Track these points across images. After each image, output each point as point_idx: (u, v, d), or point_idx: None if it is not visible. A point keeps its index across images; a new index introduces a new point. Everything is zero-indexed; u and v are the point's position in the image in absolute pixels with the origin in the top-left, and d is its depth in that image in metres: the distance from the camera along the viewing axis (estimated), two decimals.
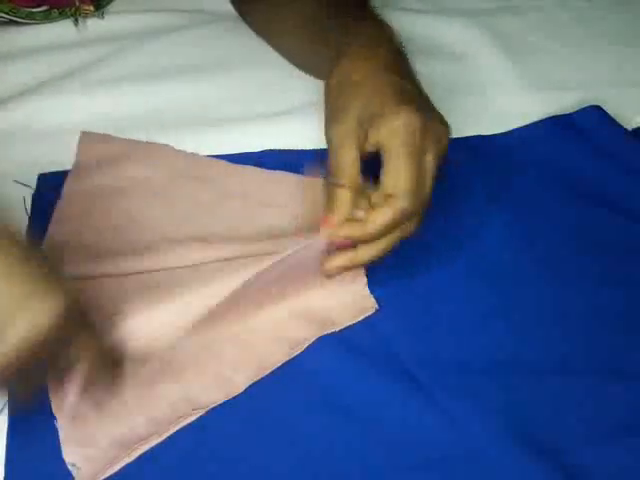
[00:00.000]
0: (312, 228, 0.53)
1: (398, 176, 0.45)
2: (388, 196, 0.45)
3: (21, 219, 0.54)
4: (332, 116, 0.48)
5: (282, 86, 0.65)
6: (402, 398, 0.46)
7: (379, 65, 0.49)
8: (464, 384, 0.47)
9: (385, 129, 0.45)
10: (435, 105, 0.63)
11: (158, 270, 0.51)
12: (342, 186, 0.45)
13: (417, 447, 0.44)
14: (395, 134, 0.45)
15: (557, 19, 0.74)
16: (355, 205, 0.45)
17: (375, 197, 0.45)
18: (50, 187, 0.56)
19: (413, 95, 0.48)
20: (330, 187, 0.46)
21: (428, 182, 0.46)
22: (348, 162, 0.46)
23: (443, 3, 0.75)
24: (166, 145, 0.59)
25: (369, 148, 0.47)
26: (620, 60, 0.70)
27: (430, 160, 0.46)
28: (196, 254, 0.51)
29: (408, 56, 0.67)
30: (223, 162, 0.58)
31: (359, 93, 0.48)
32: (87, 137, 0.59)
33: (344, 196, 0.46)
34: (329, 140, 0.48)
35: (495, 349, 0.49)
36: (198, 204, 0.55)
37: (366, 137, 0.47)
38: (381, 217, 0.45)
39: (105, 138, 0.59)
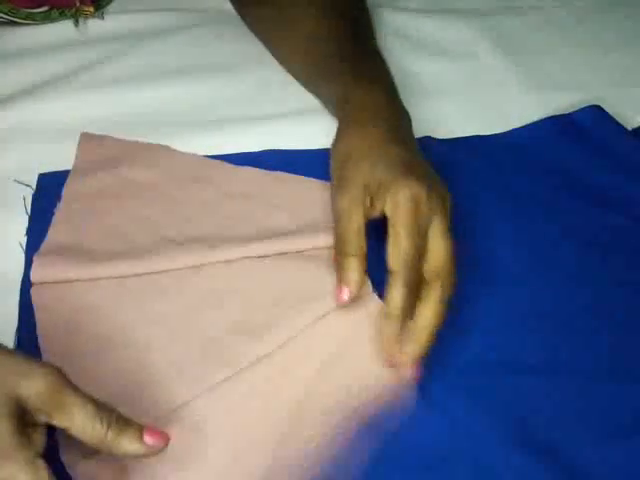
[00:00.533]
0: (312, 228, 0.53)
1: (399, 251, 0.45)
2: (390, 272, 0.46)
3: (21, 219, 0.54)
4: (338, 185, 0.49)
5: (283, 87, 0.65)
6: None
7: (382, 135, 0.50)
8: (464, 384, 0.47)
9: (390, 201, 0.47)
10: (435, 105, 0.64)
11: (158, 272, 0.51)
12: (351, 255, 0.47)
13: (417, 447, 0.44)
14: (399, 206, 0.46)
15: (557, 19, 0.74)
16: (364, 271, 0.47)
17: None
18: (50, 187, 0.56)
19: (415, 164, 0.49)
20: (339, 257, 0.47)
21: (433, 254, 0.46)
22: (354, 230, 0.47)
23: (443, 3, 0.75)
24: (166, 146, 0.59)
25: (375, 214, 0.48)
26: (620, 60, 0.70)
27: (436, 225, 0.47)
28: (197, 255, 0.51)
29: (406, 56, 0.68)
30: (223, 163, 0.58)
31: (363, 163, 0.49)
32: (87, 138, 0.59)
33: (353, 265, 0.46)
34: (335, 209, 0.49)
35: (495, 349, 0.49)
36: (198, 205, 0.55)
37: (372, 205, 0.48)
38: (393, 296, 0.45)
39: (105, 139, 0.59)
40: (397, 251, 0.45)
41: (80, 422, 0.37)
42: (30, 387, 0.36)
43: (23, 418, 0.37)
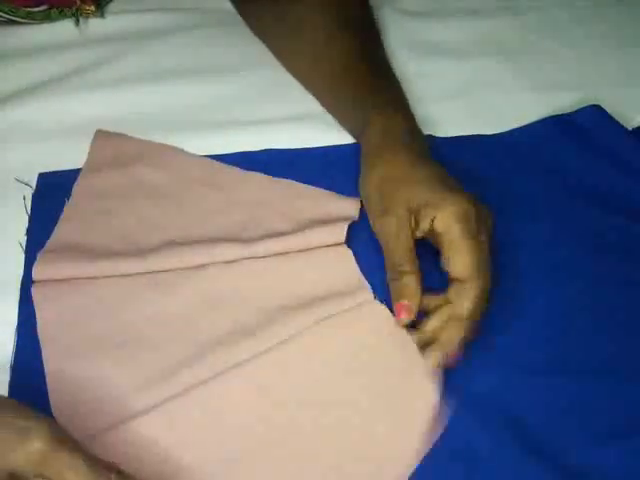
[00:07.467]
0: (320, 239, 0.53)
1: (464, 261, 0.46)
2: (458, 280, 0.47)
3: (21, 219, 0.54)
4: (381, 209, 0.50)
5: (284, 87, 0.65)
6: None
7: (412, 159, 0.51)
8: (463, 384, 0.47)
9: (441, 217, 0.47)
10: (436, 105, 0.64)
11: (159, 272, 0.51)
12: (407, 273, 0.47)
13: None
14: (452, 221, 0.47)
15: (557, 19, 0.74)
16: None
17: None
18: (50, 187, 0.56)
19: (454, 181, 0.50)
20: (394, 277, 0.48)
21: (488, 260, 0.47)
22: (407, 250, 0.48)
23: (443, 3, 0.75)
24: (180, 148, 0.59)
25: (418, 235, 0.49)
26: (620, 60, 0.70)
27: (484, 240, 0.47)
28: (198, 255, 0.51)
29: (406, 57, 0.68)
30: (234, 168, 0.58)
31: (403, 186, 0.50)
32: (101, 135, 0.59)
33: (413, 282, 0.47)
34: (382, 232, 0.50)
35: (494, 349, 0.49)
36: (206, 210, 0.55)
37: (417, 225, 0.49)
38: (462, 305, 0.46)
39: (119, 138, 0.59)
40: (464, 260, 0.46)
41: None
42: (20, 456, 0.36)
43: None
